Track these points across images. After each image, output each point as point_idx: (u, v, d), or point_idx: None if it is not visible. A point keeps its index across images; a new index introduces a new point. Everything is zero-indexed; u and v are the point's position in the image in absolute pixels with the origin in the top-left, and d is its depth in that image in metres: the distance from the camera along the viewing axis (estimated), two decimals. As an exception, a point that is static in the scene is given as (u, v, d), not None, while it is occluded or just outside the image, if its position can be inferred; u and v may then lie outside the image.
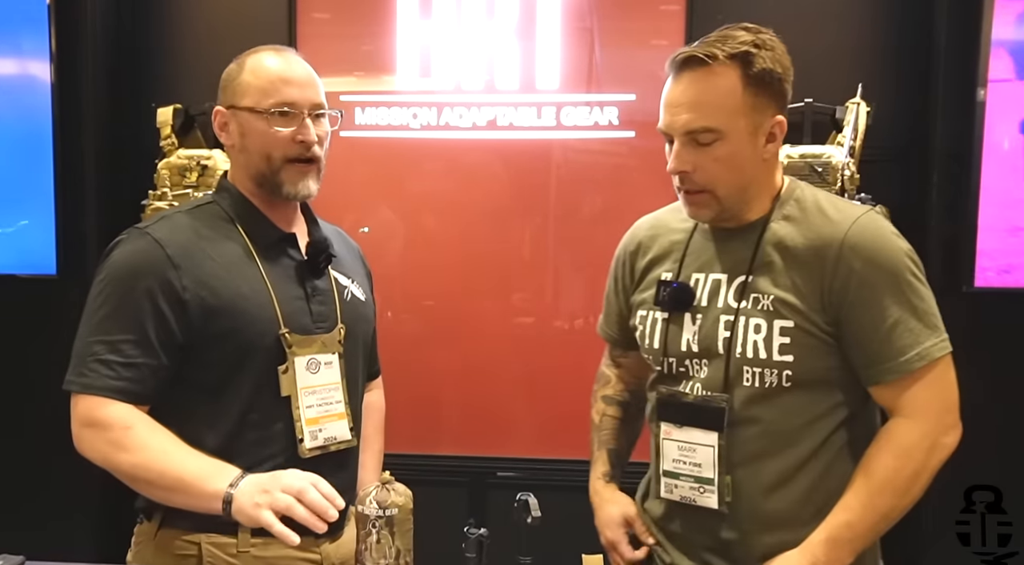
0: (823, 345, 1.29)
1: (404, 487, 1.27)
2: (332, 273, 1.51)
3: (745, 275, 1.33)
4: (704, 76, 1.29)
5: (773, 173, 1.36)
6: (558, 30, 2.56)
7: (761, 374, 1.30)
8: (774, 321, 1.29)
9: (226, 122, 1.45)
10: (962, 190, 2.40)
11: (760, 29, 1.33)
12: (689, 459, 1.35)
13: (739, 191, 1.33)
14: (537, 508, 1.27)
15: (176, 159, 2.59)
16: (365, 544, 1.24)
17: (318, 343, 1.44)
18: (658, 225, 1.50)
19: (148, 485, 1.33)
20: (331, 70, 2.62)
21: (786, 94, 1.33)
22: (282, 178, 1.43)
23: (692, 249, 1.41)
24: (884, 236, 1.30)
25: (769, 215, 1.34)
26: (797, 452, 1.32)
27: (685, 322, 1.37)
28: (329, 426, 1.44)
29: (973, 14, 2.36)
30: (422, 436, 2.63)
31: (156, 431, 1.33)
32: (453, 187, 2.65)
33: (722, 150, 1.29)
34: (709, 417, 1.33)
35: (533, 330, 2.64)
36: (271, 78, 1.42)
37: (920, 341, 1.27)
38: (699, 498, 1.35)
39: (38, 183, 2.63)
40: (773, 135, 1.32)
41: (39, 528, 2.64)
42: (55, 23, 2.61)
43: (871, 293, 1.27)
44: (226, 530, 1.37)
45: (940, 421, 1.29)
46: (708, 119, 1.29)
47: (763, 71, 1.28)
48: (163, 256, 1.36)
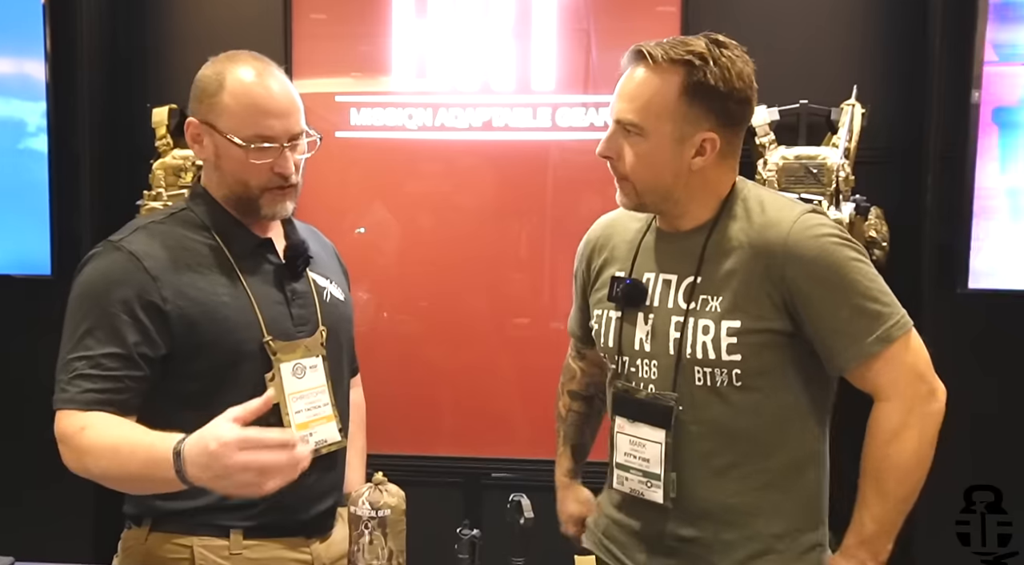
0: (772, 343, 1.32)
1: (397, 488, 1.28)
2: (310, 275, 1.49)
3: (693, 276, 1.35)
4: (645, 73, 1.33)
5: (712, 183, 1.37)
6: (554, 31, 2.56)
7: (712, 374, 1.33)
8: (721, 322, 1.32)
9: (200, 135, 1.41)
10: (956, 192, 2.41)
11: (726, 43, 1.33)
12: (639, 454, 1.38)
13: (658, 191, 1.35)
14: (530, 509, 1.27)
15: (171, 159, 2.59)
16: (357, 545, 1.25)
17: (302, 348, 1.43)
18: (613, 225, 1.53)
19: (119, 483, 1.30)
20: (327, 70, 2.63)
21: (728, 113, 1.33)
22: (259, 204, 1.41)
23: (644, 248, 1.44)
24: (822, 233, 1.31)
25: (716, 218, 1.36)
26: (747, 449, 1.34)
27: (638, 321, 1.40)
28: (319, 429, 1.43)
29: (967, 16, 2.37)
30: (417, 437, 2.63)
31: (108, 427, 1.27)
32: (449, 188, 2.65)
33: (641, 147, 1.33)
34: (657, 414, 1.36)
35: (528, 331, 2.64)
36: (251, 108, 1.37)
37: (878, 324, 1.28)
38: (646, 492, 1.38)
39: (32, 183, 2.63)
40: (703, 149, 1.33)
41: (35, 530, 2.64)
42: (50, 22, 2.61)
43: (820, 289, 1.29)
44: (218, 533, 1.37)
45: (916, 393, 1.30)
46: (633, 114, 1.33)
47: (700, 84, 1.30)
48: (140, 269, 1.34)
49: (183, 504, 1.36)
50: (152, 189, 2.58)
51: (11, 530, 2.58)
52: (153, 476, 1.22)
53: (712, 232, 1.36)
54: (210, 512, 1.36)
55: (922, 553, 2.38)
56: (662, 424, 1.35)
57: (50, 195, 2.64)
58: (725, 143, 1.34)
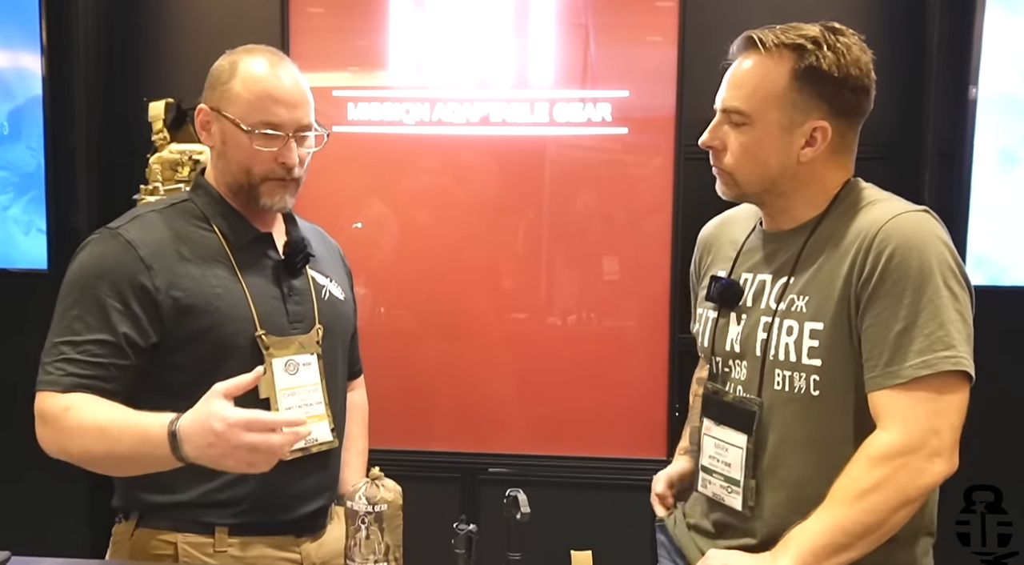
0: (851, 352, 1.23)
1: (393, 483, 1.27)
2: (310, 272, 1.49)
3: (787, 276, 1.30)
4: (754, 60, 1.28)
5: (821, 179, 1.30)
6: (552, 26, 2.55)
7: (790, 378, 1.27)
8: (805, 323, 1.26)
9: (209, 122, 1.42)
10: (954, 188, 2.41)
11: (843, 30, 1.28)
12: (722, 458, 1.35)
13: (762, 183, 1.30)
14: (526, 504, 1.27)
15: (168, 153, 2.57)
16: (354, 540, 1.24)
17: (296, 344, 1.43)
18: (723, 224, 1.50)
19: (102, 464, 1.29)
20: (324, 65, 2.62)
21: (842, 101, 1.26)
22: (259, 192, 1.41)
23: (747, 248, 1.40)
24: (924, 235, 1.20)
25: (823, 216, 1.30)
26: (818, 465, 1.25)
27: (731, 322, 1.36)
28: (310, 427, 1.43)
29: (966, 12, 2.37)
30: (414, 432, 2.63)
31: (94, 407, 1.27)
32: (446, 183, 2.64)
33: (747, 136, 1.28)
34: (741, 418, 1.31)
35: (526, 326, 2.64)
36: (260, 94, 1.38)
37: (932, 349, 1.16)
38: (726, 497, 1.34)
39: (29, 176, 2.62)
40: (813, 139, 1.27)
41: (30, 525, 2.64)
42: (46, 15, 2.60)
43: (892, 289, 1.18)
44: (203, 530, 1.36)
45: (923, 441, 1.16)
46: (740, 101, 1.27)
47: (812, 69, 1.24)
48: (135, 257, 1.34)
49: (167, 498, 1.36)
50: (148, 183, 2.56)
51: (7, 525, 2.57)
52: (145, 455, 1.22)
53: (814, 231, 1.29)
54: (195, 508, 1.36)
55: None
56: (745, 429, 1.30)
57: (46, 189, 2.64)
58: (837, 135, 1.28)
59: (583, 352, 2.58)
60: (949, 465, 1.18)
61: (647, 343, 2.52)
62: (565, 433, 2.60)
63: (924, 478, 1.17)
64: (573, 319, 2.61)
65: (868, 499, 1.16)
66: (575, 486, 2.58)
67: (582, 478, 2.58)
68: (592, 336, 2.60)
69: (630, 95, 2.52)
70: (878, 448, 1.18)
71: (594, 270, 2.59)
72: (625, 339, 2.58)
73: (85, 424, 1.26)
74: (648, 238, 2.54)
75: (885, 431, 1.19)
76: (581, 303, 2.60)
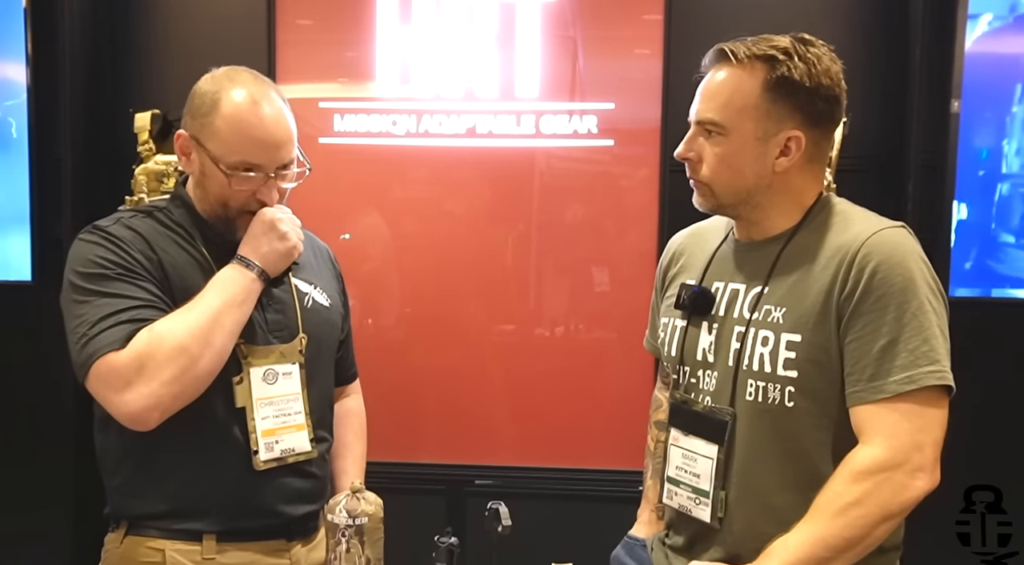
0: (829, 364, 1.23)
1: (375, 496, 1.27)
2: (293, 280, 1.49)
3: (761, 286, 1.30)
4: (726, 71, 1.29)
5: (797, 187, 1.31)
6: (538, 39, 2.56)
7: (764, 388, 1.26)
8: (782, 334, 1.25)
9: (189, 150, 1.41)
10: (937, 200, 2.43)
11: (813, 41, 1.30)
12: (690, 468, 1.33)
13: (738, 193, 1.30)
14: (507, 517, 1.27)
15: (154, 164, 2.57)
16: (335, 553, 1.24)
17: (276, 353, 1.42)
18: (695, 235, 1.50)
19: (202, 336, 1.30)
20: (311, 77, 2.62)
21: (815, 111, 1.27)
22: (236, 224, 1.42)
23: (718, 258, 1.40)
24: (906, 251, 1.23)
25: (797, 227, 1.31)
26: (791, 477, 1.26)
27: (702, 331, 1.35)
28: (287, 437, 1.42)
29: (947, 26, 2.39)
30: (400, 443, 2.62)
31: (161, 318, 1.30)
32: (433, 194, 2.64)
33: (723, 147, 1.28)
34: (712, 428, 1.30)
35: (513, 337, 2.63)
36: (242, 135, 1.35)
37: (916, 365, 1.18)
38: (694, 509, 1.33)
39: (13, 187, 2.61)
40: (788, 148, 1.28)
41: (14, 534, 2.61)
42: (31, 25, 2.60)
43: (876, 304, 1.20)
44: (190, 537, 1.36)
45: (906, 457, 1.17)
46: (714, 112, 1.28)
47: (784, 79, 1.25)
48: (135, 236, 1.37)
49: (154, 507, 1.35)
50: (134, 194, 2.56)
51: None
52: (233, 296, 1.33)
53: (788, 242, 1.30)
54: (182, 517, 1.36)
55: (922, 553, 2.38)
56: (716, 439, 1.29)
57: (31, 200, 2.62)
58: (811, 144, 1.29)
59: (571, 363, 2.58)
60: (931, 480, 1.19)
61: (633, 355, 2.52)
62: (553, 445, 2.59)
63: (907, 494, 1.18)
64: (560, 330, 2.61)
65: (850, 514, 1.17)
66: (563, 498, 2.57)
67: (570, 490, 2.57)
68: (579, 347, 2.59)
69: (616, 107, 2.53)
70: (861, 463, 1.19)
71: (580, 281, 2.60)
72: (611, 351, 2.58)
73: (168, 324, 1.29)
74: (634, 249, 2.55)
75: (868, 446, 1.19)
76: (568, 314, 2.60)
